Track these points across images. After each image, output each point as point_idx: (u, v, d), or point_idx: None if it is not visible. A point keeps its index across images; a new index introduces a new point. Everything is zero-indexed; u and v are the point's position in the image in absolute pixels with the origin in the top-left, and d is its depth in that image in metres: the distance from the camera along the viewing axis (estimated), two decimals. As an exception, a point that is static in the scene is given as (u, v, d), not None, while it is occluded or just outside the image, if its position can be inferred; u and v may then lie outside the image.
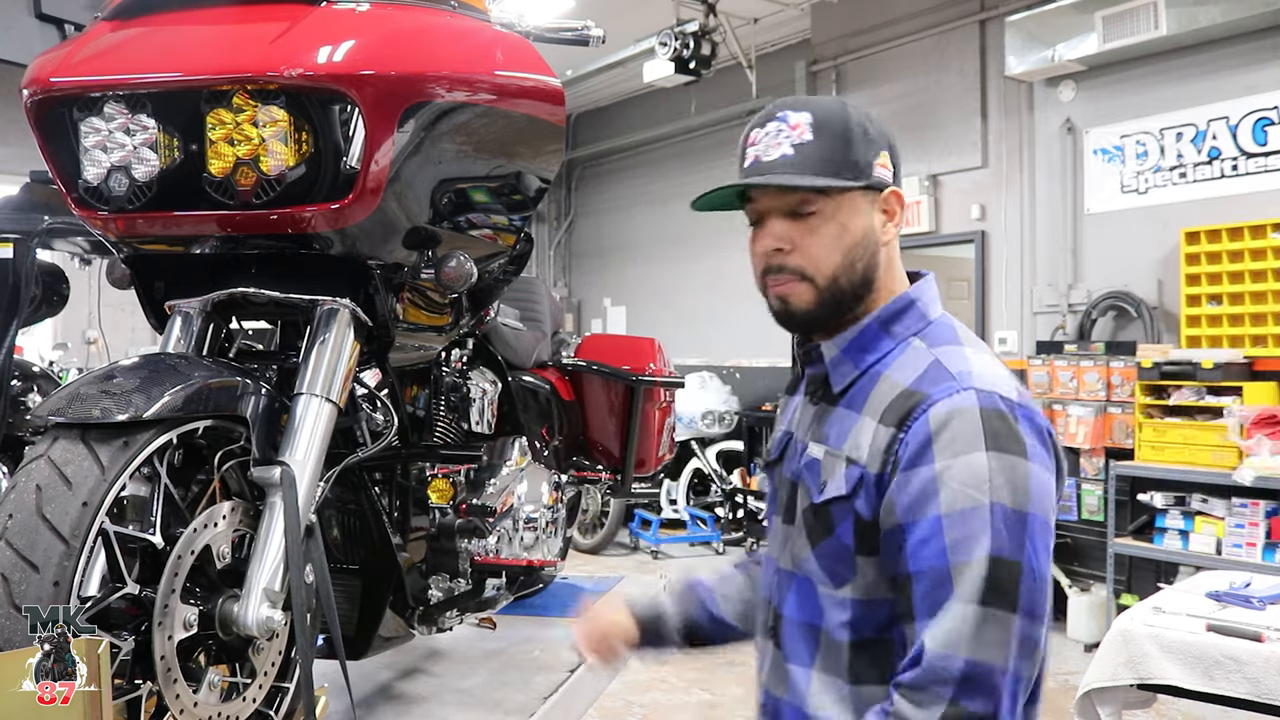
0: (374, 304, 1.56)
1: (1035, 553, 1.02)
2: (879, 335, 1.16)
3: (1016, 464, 1.02)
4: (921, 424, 1.04)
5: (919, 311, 1.18)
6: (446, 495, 2.03)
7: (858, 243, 1.14)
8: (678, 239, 9.19)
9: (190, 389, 1.29)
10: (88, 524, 1.17)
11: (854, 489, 1.09)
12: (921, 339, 1.15)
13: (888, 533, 1.06)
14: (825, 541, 1.12)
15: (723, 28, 7.20)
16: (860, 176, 1.13)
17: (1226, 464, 4.56)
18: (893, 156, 1.18)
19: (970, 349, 1.13)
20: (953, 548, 1.01)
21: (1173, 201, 5.43)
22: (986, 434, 1.02)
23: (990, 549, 1.00)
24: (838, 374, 1.17)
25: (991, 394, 1.05)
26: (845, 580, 1.11)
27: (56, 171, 1.48)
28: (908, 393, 1.08)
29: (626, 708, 4.18)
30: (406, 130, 1.44)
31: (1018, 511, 1.01)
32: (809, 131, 1.13)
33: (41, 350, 5.64)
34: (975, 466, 1.01)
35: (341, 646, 1.46)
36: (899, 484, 1.04)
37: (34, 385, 3.28)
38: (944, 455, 1.02)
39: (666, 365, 3.08)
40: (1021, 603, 1.00)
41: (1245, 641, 2.31)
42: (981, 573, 0.99)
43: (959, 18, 6.49)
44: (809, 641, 1.16)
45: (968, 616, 0.99)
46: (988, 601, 0.99)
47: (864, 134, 1.14)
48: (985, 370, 1.09)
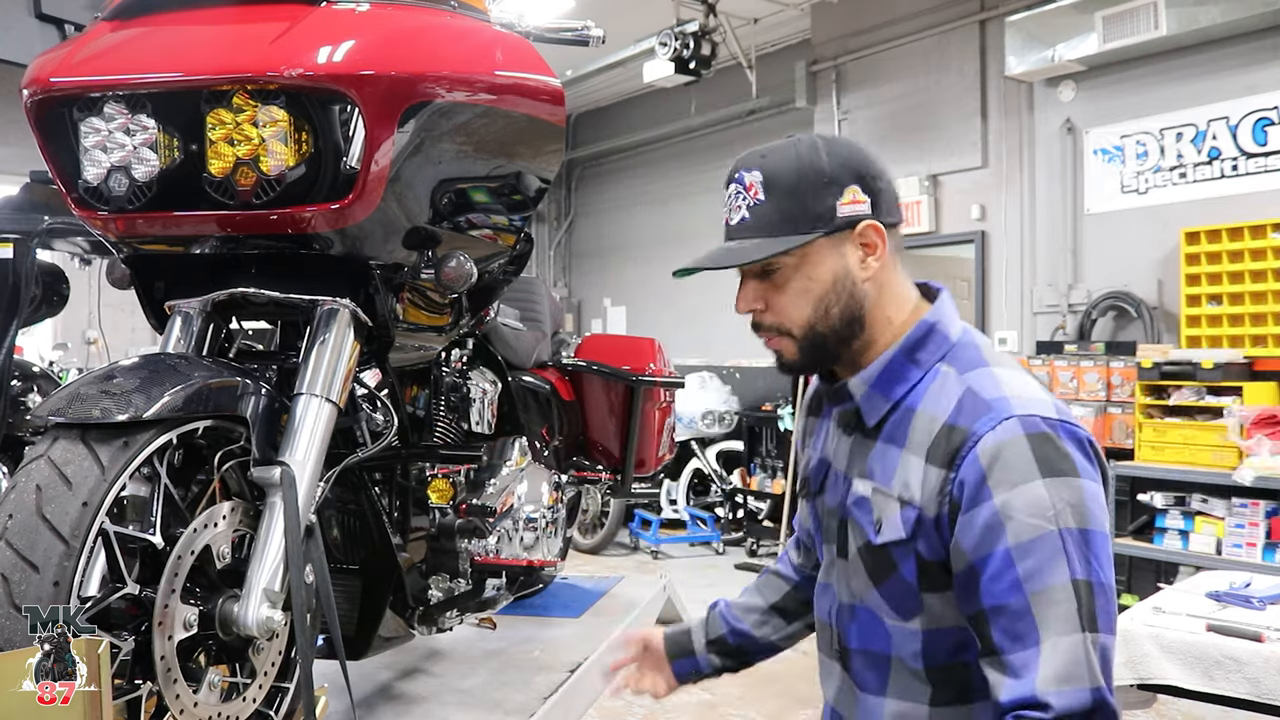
0: (374, 304, 1.56)
1: (1102, 567, 1.03)
2: (905, 365, 1.16)
3: (1071, 484, 1.03)
4: (971, 462, 1.05)
5: (941, 335, 1.17)
6: (446, 495, 2.03)
7: (827, 290, 1.14)
8: (678, 239, 9.18)
9: (190, 389, 1.29)
10: (88, 524, 1.17)
11: (913, 532, 1.10)
12: (949, 364, 1.14)
13: (961, 574, 1.06)
14: (889, 581, 1.13)
15: (723, 28, 7.20)
16: (818, 226, 1.12)
17: (1226, 464, 4.56)
18: (867, 186, 1.15)
19: (999, 368, 1.13)
20: (1027, 578, 1.01)
21: (1173, 201, 5.43)
22: (1038, 461, 1.03)
23: (1071, 575, 1.00)
24: (871, 408, 1.17)
25: (1031, 418, 1.05)
26: (914, 614, 1.12)
27: (56, 171, 1.48)
28: (949, 429, 1.08)
29: (626, 708, 4.17)
30: (406, 130, 1.44)
31: (1083, 531, 1.02)
32: (760, 191, 1.14)
33: (41, 350, 5.64)
34: (1035, 496, 1.02)
35: (341, 646, 1.46)
36: (963, 526, 1.05)
37: (34, 385, 3.28)
38: (1001, 490, 1.03)
39: (666, 365, 3.08)
40: (1101, 620, 1.01)
41: (1245, 641, 2.31)
42: (1072, 601, 1.00)
43: (959, 18, 6.49)
44: (879, 670, 1.17)
45: (1076, 647, 0.99)
46: (1089, 627, 1.00)
47: (818, 179, 1.13)
48: (1018, 391, 1.09)
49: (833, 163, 1.14)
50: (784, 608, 1.49)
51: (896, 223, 1.18)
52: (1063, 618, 0.99)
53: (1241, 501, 4.56)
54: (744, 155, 1.19)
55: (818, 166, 1.13)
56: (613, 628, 2.53)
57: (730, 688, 4.40)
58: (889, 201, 1.17)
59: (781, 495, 6.84)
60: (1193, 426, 4.78)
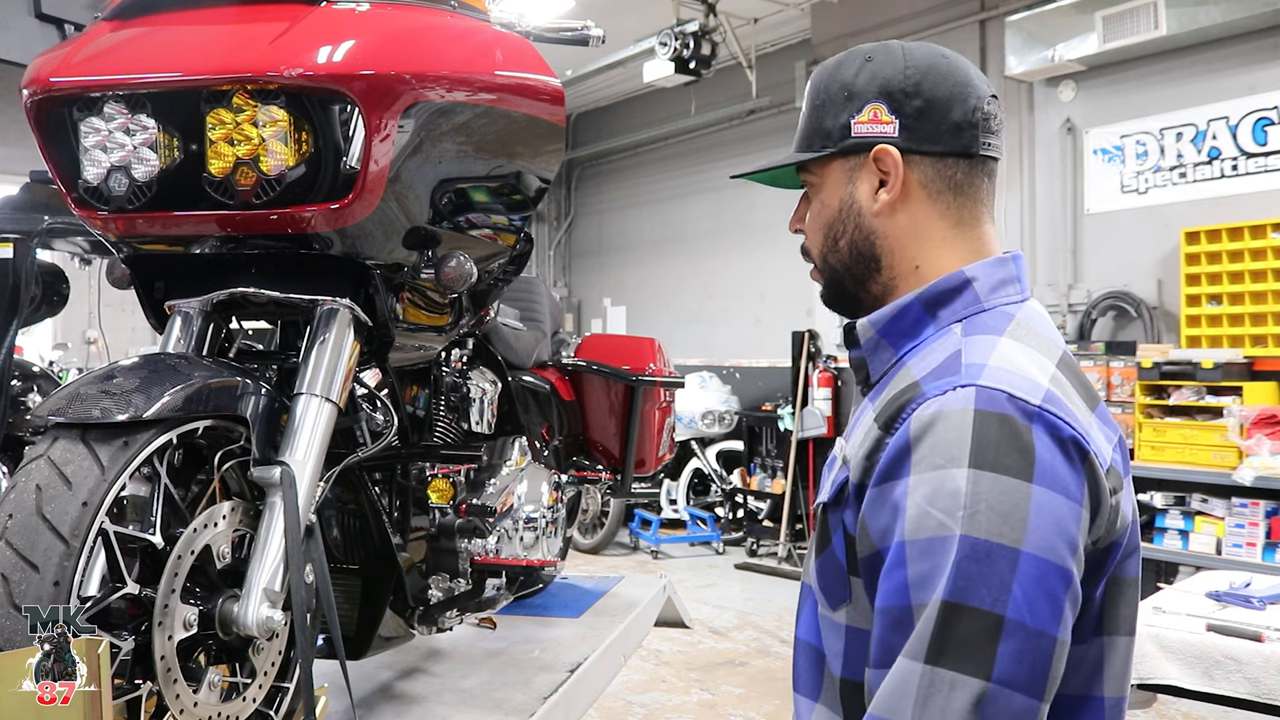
0: (374, 304, 1.56)
1: (1029, 604, 0.78)
2: (922, 318, 0.98)
3: (1010, 486, 0.80)
4: (903, 429, 0.86)
5: (973, 294, 0.97)
6: (446, 495, 2.03)
7: (835, 218, 1.03)
8: (678, 239, 9.19)
9: (190, 389, 1.29)
10: (88, 524, 1.17)
11: (836, 496, 0.94)
12: (963, 325, 0.95)
13: (865, 560, 0.89)
14: (824, 554, 0.97)
15: (723, 28, 7.20)
16: (826, 144, 1.01)
17: (1226, 464, 4.57)
18: (898, 105, 0.98)
19: (1013, 341, 0.91)
20: (914, 584, 0.80)
21: (1173, 201, 5.43)
22: (974, 444, 0.81)
23: (946, 593, 0.78)
24: (876, 360, 1.01)
25: (996, 392, 0.83)
26: (840, 601, 0.94)
27: (56, 171, 1.48)
28: (908, 388, 0.90)
29: (626, 708, 4.18)
30: (406, 130, 1.44)
31: (1001, 548, 0.78)
32: (806, 100, 1.06)
33: (41, 350, 5.64)
34: (951, 485, 0.80)
35: (341, 646, 1.46)
36: (870, 501, 0.87)
37: (34, 385, 3.28)
38: (919, 468, 0.83)
39: (666, 365, 3.08)
40: (999, 667, 0.76)
41: (1245, 641, 2.31)
42: (932, 622, 0.78)
43: (959, 18, 6.49)
44: (814, 668, 1.00)
45: (909, 677, 0.78)
46: (939, 660, 0.77)
47: (840, 93, 1.01)
48: (1009, 364, 0.87)
49: (866, 74, 1.00)
50: None
51: (948, 154, 0.99)
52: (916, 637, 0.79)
53: (1241, 501, 4.56)
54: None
55: (845, 78, 1.01)
56: (613, 628, 2.53)
57: (730, 687, 4.41)
58: (934, 126, 0.98)
59: (781, 495, 6.85)
60: (1193, 426, 4.78)
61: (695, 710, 4.18)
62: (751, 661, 4.81)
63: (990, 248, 1.02)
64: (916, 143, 0.98)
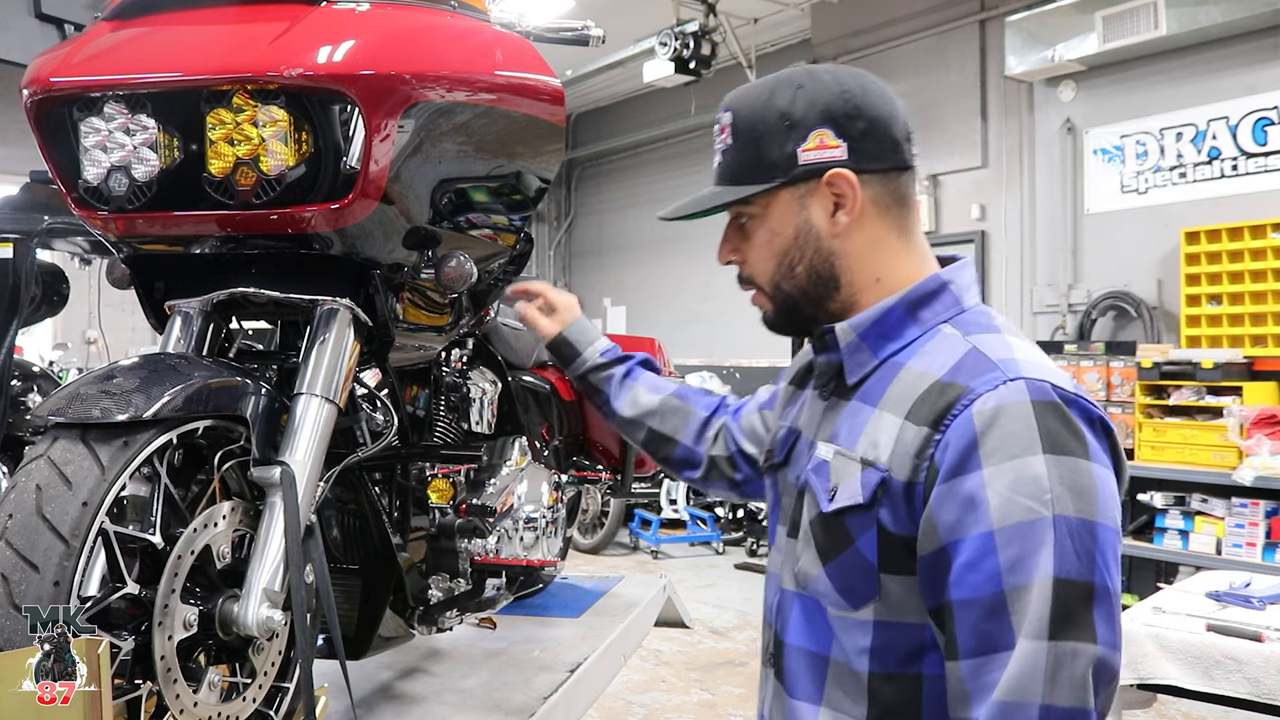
0: (374, 304, 1.56)
1: (1107, 568, 0.86)
2: (904, 320, 1.02)
3: (1079, 466, 0.87)
4: (964, 422, 0.89)
5: (952, 296, 1.03)
6: (446, 495, 2.03)
7: (790, 246, 1.04)
8: (678, 239, 9.19)
9: (190, 389, 1.29)
10: (88, 524, 1.17)
11: (873, 497, 0.95)
12: (954, 326, 1.00)
13: (928, 557, 0.91)
14: (840, 557, 0.98)
15: (723, 28, 7.20)
16: (775, 175, 1.03)
17: (1226, 464, 4.57)
18: (843, 128, 1.01)
19: (1013, 336, 0.98)
20: (1008, 569, 0.85)
21: (1173, 201, 5.44)
22: (1042, 432, 0.87)
23: (1055, 570, 0.84)
24: (854, 362, 1.04)
25: (1043, 384, 0.90)
26: (866, 599, 0.96)
27: (56, 171, 1.48)
28: (942, 385, 0.93)
29: (626, 708, 4.18)
30: (406, 130, 1.44)
31: (1085, 522, 0.86)
32: (729, 134, 1.07)
33: (41, 350, 5.65)
34: (1032, 472, 0.86)
35: (341, 646, 1.45)
36: (940, 497, 0.89)
37: (34, 385, 3.28)
38: (993, 460, 0.87)
39: (667, 365, 3.08)
40: (1099, 630, 0.84)
41: (1245, 641, 2.32)
42: (1047, 600, 0.84)
43: (959, 18, 6.49)
44: (815, 673, 1.01)
45: (1038, 656, 0.83)
46: (1059, 634, 0.83)
47: (779, 122, 1.02)
48: (1032, 357, 0.94)
49: (803, 102, 1.02)
50: (656, 437, 1.50)
51: (891, 169, 1.04)
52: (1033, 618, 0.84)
53: (1241, 501, 4.56)
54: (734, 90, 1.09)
55: (781, 107, 1.02)
56: (613, 628, 2.53)
57: (730, 687, 4.41)
58: (877, 145, 1.03)
59: (781, 495, 6.84)
60: (1193, 426, 4.78)
61: (695, 710, 4.18)
62: (751, 662, 4.80)
63: (928, 249, 1.09)
64: (865, 162, 1.02)
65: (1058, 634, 0.83)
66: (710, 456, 1.46)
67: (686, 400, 1.50)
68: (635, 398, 1.52)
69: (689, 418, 1.49)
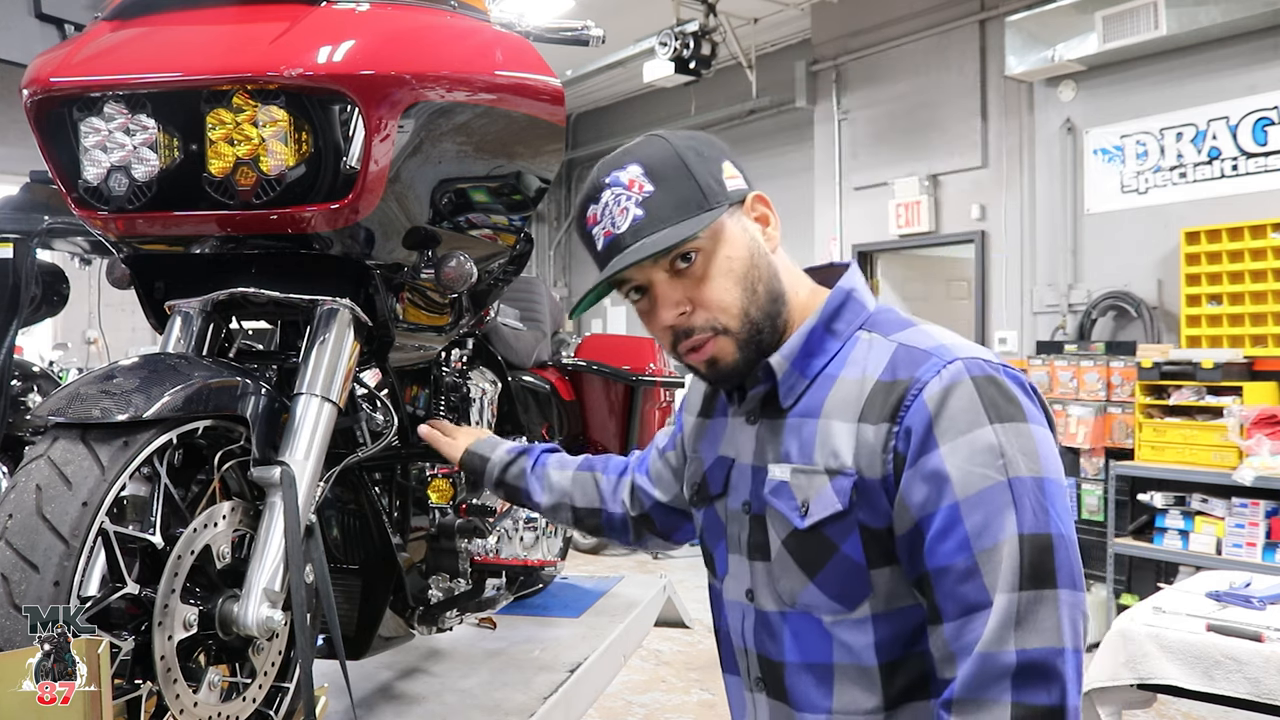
0: (374, 304, 1.56)
1: (1060, 517, 0.95)
2: (824, 337, 1.08)
3: (1021, 430, 0.96)
4: (919, 408, 0.97)
5: (858, 303, 1.10)
6: (446, 495, 2.03)
7: (749, 266, 1.07)
8: (678, 239, 9.17)
9: (190, 389, 1.29)
10: (88, 524, 1.17)
11: (851, 502, 1.00)
12: (870, 330, 1.07)
13: (905, 536, 0.98)
14: (828, 566, 1.02)
15: (723, 28, 7.20)
16: (719, 199, 1.06)
17: (1226, 464, 4.57)
18: (735, 163, 1.11)
19: (927, 325, 1.06)
20: (975, 535, 0.93)
21: (1173, 201, 5.43)
22: (986, 405, 0.95)
23: (1018, 528, 0.92)
24: (788, 388, 1.08)
25: (975, 360, 0.99)
26: (861, 598, 1.02)
27: (56, 171, 1.48)
28: (887, 385, 1.00)
29: (626, 708, 4.18)
30: (406, 130, 1.44)
31: (1036, 479, 0.94)
32: (647, 182, 1.05)
33: (41, 350, 5.65)
34: (984, 442, 0.94)
35: (341, 646, 1.45)
36: (908, 480, 0.97)
37: (34, 385, 3.28)
38: (948, 436, 0.95)
39: (666, 365, 3.08)
40: (1060, 574, 0.93)
41: (1245, 641, 2.32)
42: (1015, 556, 0.92)
43: (959, 18, 6.49)
44: (823, 683, 1.05)
45: (1010, 606, 0.91)
46: (1029, 584, 0.92)
47: (698, 156, 1.07)
48: (955, 340, 1.03)
49: (697, 144, 1.09)
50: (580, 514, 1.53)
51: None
52: (1005, 574, 0.91)
53: (1241, 501, 4.56)
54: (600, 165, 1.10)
55: (690, 148, 1.08)
56: (613, 628, 2.53)
57: (730, 688, 4.41)
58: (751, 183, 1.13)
59: (781, 495, 6.84)
60: (1193, 426, 4.78)
61: (695, 710, 4.18)
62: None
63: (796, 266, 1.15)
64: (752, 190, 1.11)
65: (1026, 585, 0.91)
66: (632, 518, 1.50)
67: (594, 468, 1.56)
68: (549, 482, 1.56)
69: (600, 484, 1.53)
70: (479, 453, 1.65)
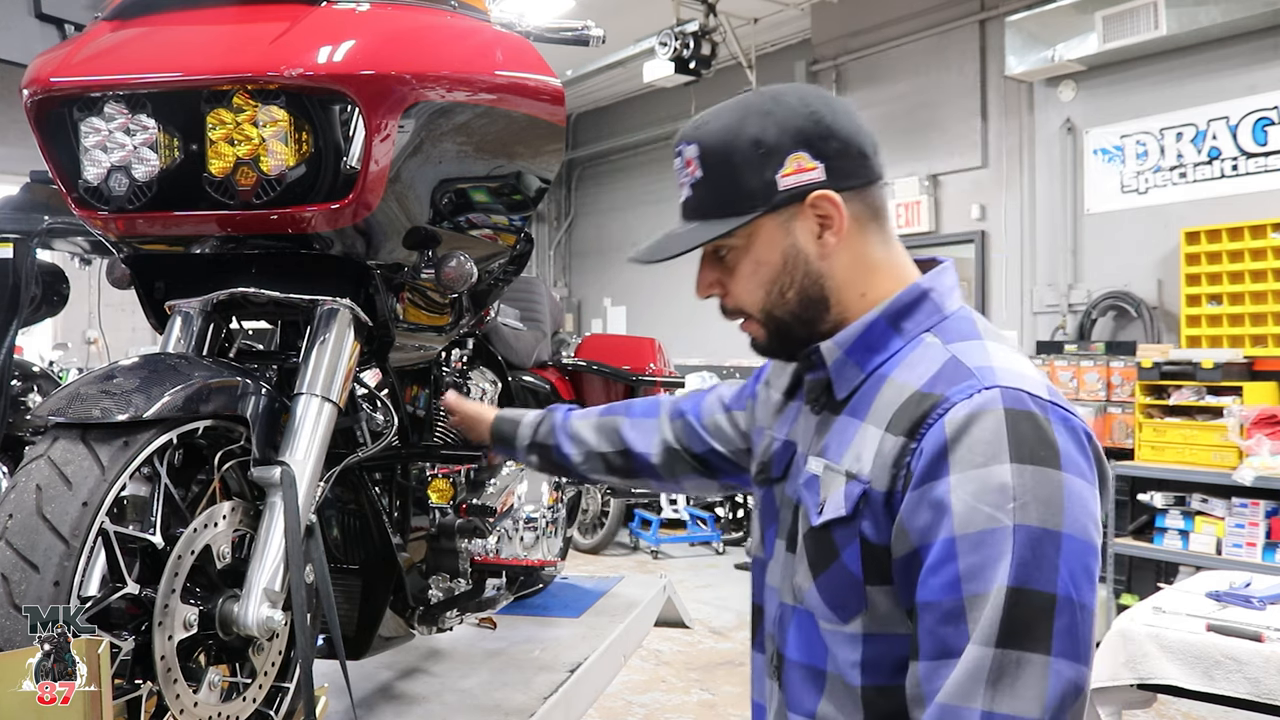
0: (374, 304, 1.56)
1: (1071, 579, 0.85)
2: (887, 333, 1.02)
3: (1047, 476, 0.87)
4: (937, 431, 0.90)
5: (933, 304, 1.03)
6: (446, 495, 2.03)
7: (779, 273, 1.03)
8: (678, 239, 9.17)
9: (190, 389, 1.29)
10: (88, 524, 1.17)
11: (855, 509, 0.96)
12: (936, 334, 1.00)
13: (902, 560, 0.92)
14: (828, 571, 0.99)
15: (723, 28, 7.21)
16: (756, 205, 1.01)
17: (1226, 464, 4.57)
18: (819, 150, 1.01)
19: (992, 342, 0.98)
20: (967, 576, 0.85)
21: (1173, 201, 5.44)
22: (1011, 441, 0.87)
23: (1011, 579, 0.84)
24: (842, 379, 1.04)
25: (1018, 392, 0.90)
26: (854, 613, 0.97)
27: (56, 171, 1.48)
28: (920, 395, 0.94)
29: (626, 708, 4.18)
30: (406, 130, 1.44)
31: (1049, 533, 0.85)
32: (698, 167, 1.03)
33: (41, 350, 5.65)
34: (997, 481, 0.86)
35: (341, 646, 1.45)
36: (911, 503, 0.90)
37: (34, 385, 3.28)
38: (960, 467, 0.88)
39: (666, 365, 3.08)
40: (1056, 641, 0.84)
41: (1245, 641, 2.31)
42: (999, 609, 0.84)
43: (959, 18, 6.49)
44: (813, 688, 1.02)
45: (983, 662, 0.84)
46: (1008, 643, 0.83)
47: (756, 149, 1.00)
48: (1010, 364, 0.94)
49: (774, 128, 1.01)
50: (611, 460, 1.52)
51: (865, 184, 1.04)
52: (984, 625, 0.84)
53: (1241, 501, 4.56)
54: (690, 121, 1.07)
55: (753, 135, 1.01)
56: (613, 628, 2.53)
57: (730, 687, 4.41)
58: (852, 162, 1.03)
59: (781, 495, 6.84)
60: (1193, 426, 4.78)
61: (695, 710, 4.18)
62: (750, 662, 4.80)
63: (907, 256, 1.08)
64: (842, 180, 1.02)
65: (1006, 642, 0.84)
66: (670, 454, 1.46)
67: (616, 413, 1.56)
68: (577, 435, 1.57)
69: (622, 428, 1.53)
70: (510, 417, 1.66)
